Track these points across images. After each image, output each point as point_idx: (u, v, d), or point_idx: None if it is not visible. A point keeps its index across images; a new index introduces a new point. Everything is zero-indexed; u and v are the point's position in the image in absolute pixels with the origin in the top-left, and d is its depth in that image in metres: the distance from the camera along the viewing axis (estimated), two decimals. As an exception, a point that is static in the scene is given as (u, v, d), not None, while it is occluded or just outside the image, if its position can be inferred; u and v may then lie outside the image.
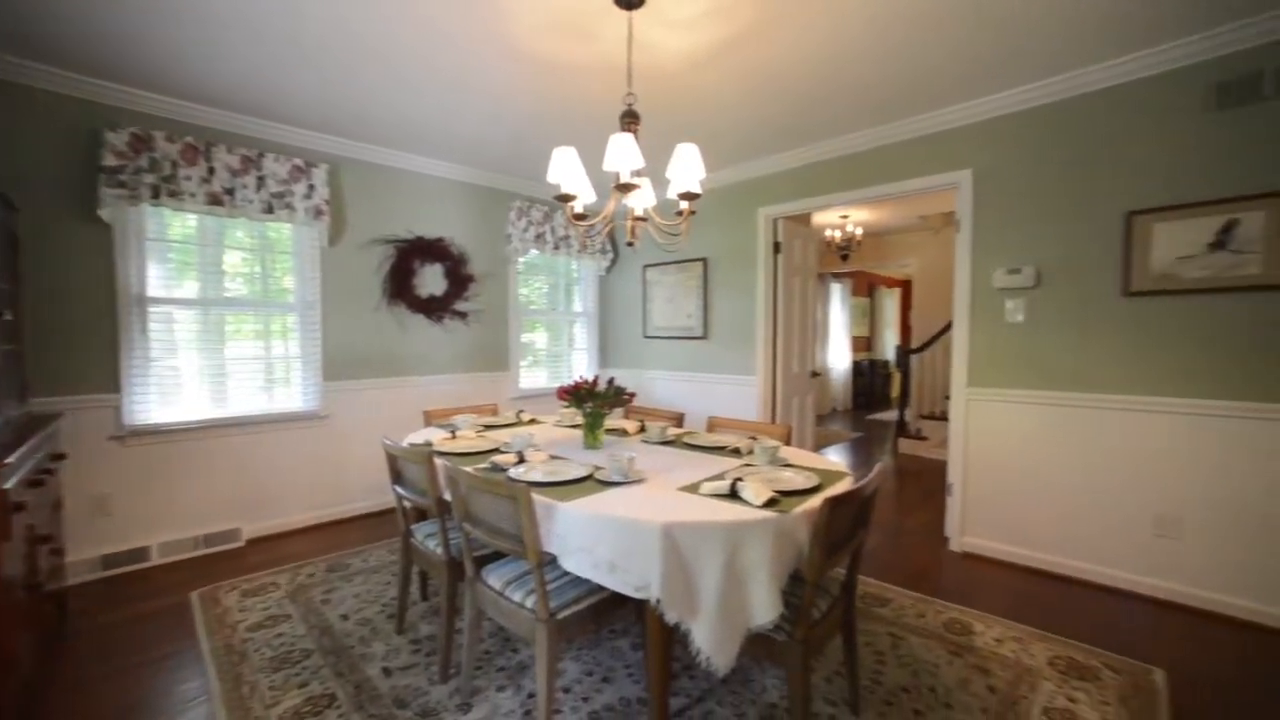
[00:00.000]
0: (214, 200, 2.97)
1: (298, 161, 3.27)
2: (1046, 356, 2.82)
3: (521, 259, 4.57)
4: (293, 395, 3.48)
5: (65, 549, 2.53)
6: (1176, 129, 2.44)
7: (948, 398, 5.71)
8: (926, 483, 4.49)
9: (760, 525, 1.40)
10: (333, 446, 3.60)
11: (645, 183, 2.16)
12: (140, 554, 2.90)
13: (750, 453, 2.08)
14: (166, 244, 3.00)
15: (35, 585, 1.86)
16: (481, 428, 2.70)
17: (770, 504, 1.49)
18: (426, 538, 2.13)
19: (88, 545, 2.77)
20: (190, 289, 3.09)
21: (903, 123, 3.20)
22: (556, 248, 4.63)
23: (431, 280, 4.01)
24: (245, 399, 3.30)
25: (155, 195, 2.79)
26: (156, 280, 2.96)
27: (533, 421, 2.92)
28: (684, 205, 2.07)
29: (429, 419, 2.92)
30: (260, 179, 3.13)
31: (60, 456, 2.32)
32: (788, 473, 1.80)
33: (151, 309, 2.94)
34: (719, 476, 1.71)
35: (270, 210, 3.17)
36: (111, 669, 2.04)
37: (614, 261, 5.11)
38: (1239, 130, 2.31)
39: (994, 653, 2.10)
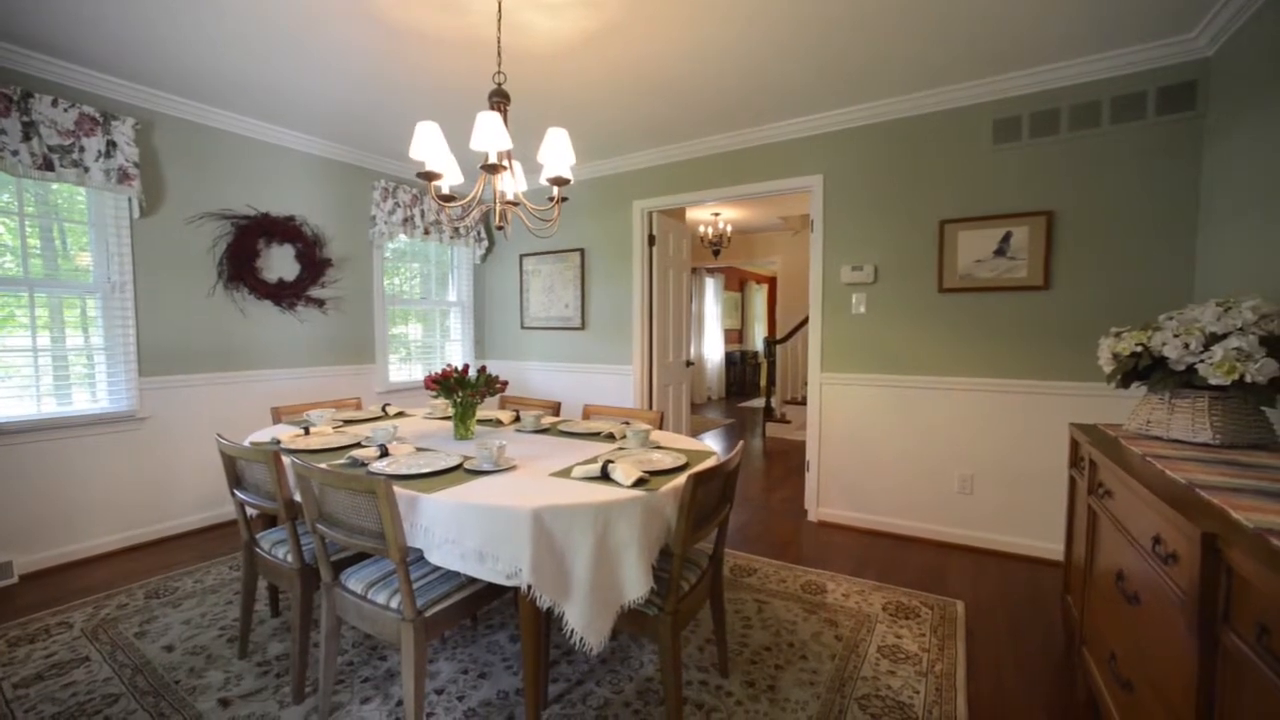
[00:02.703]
0: (-44, 150, 2.36)
1: (89, 109, 2.71)
2: (883, 344, 3.22)
3: (389, 244, 4.24)
4: (98, 395, 2.92)
5: None
6: (970, 154, 2.93)
7: (807, 384, 6.34)
8: (790, 462, 4.93)
9: (629, 503, 1.45)
10: (153, 453, 3.08)
11: (516, 167, 2.11)
12: None
13: (623, 437, 2.14)
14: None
15: None
16: (340, 423, 2.48)
17: (639, 483, 1.54)
18: (274, 546, 1.91)
19: None
20: (-65, 264, 2.45)
21: (763, 128, 3.46)
22: (427, 233, 4.35)
23: (281, 263, 3.57)
24: (21, 401, 2.69)
25: None
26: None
27: (400, 415, 2.73)
28: (555, 191, 2.06)
29: (278, 415, 2.61)
30: (28, 125, 2.53)
31: None
32: (657, 454, 1.87)
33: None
34: (591, 460, 1.73)
35: (49, 167, 2.59)
36: None
37: (489, 250, 4.93)
38: (1010, 160, 2.84)
39: (841, 606, 2.38)
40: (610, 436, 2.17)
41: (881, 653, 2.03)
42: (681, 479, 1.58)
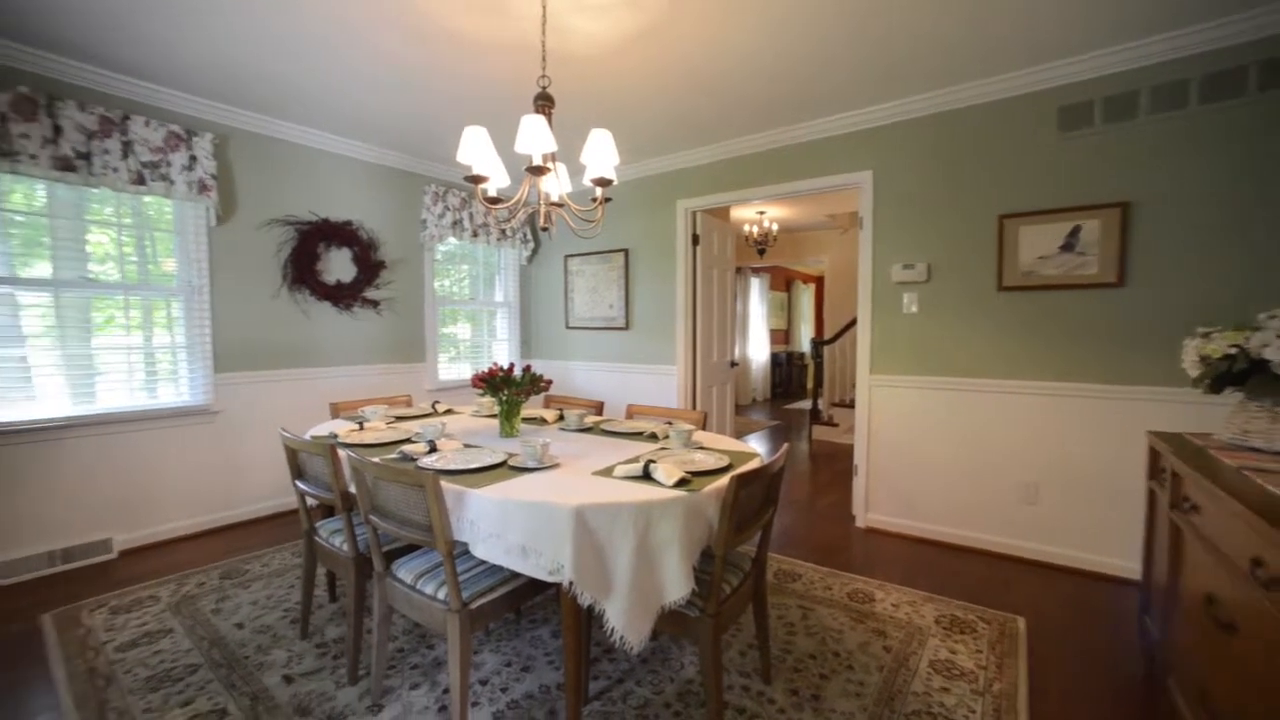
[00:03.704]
0: (63, 165, 2.59)
1: (175, 128, 2.93)
2: (936, 345, 3.09)
3: (439, 246, 4.39)
4: (180, 389, 3.15)
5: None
6: (1033, 144, 2.75)
7: (855, 386, 6.14)
8: (837, 466, 4.80)
9: (670, 504, 1.44)
10: (226, 444, 3.30)
11: (561, 168, 2.14)
12: (-24, 575, 2.51)
13: (665, 437, 2.13)
14: (4, 214, 2.59)
15: None
16: (393, 419, 2.58)
17: (681, 484, 1.53)
18: (332, 534, 2.01)
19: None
20: (42, 269, 2.70)
21: (812, 123, 3.38)
22: (475, 235, 4.48)
23: (339, 266, 3.76)
24: (118, 394, 2.94)
25: (-22, 153, 2.39)
26: (-5, 258, 2.56)
27: (449, 412, 2.82)
28: (599, 192, 2.07)
29: (336, 411, 2.74)
30: (127, 144, 2.78)
31: None
32: (700, 454, 1.86)
33: (-13, 291, 2.54)
34: (633, 460, 1.73)
35: (142, 181, 2.83)
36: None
37: (535, 251, 5.03)
38: (1080, 149, 2.65)
39: (890, 616, 2.29)
40: (653, 436, 2.17)
41: (934, 668, 1.94)
42: (724, 480, 1.56)
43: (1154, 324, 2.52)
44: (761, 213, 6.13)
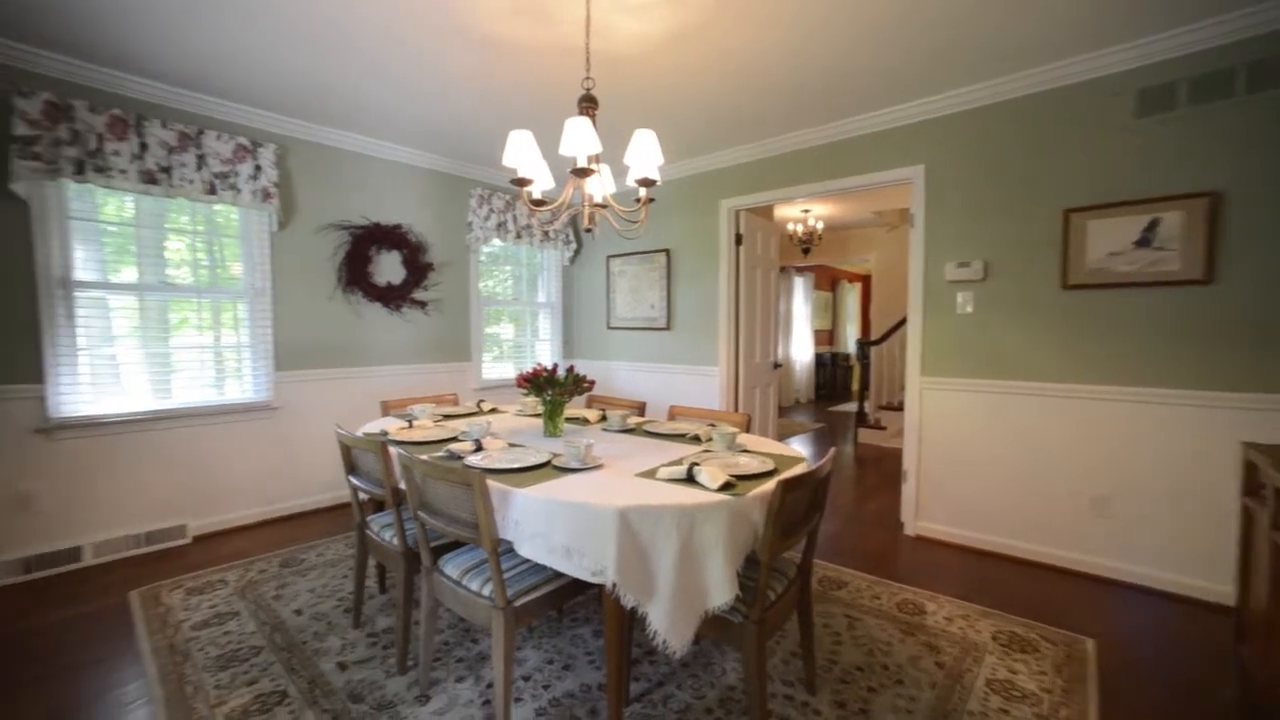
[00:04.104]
0: (148, 179, 2.80)
1: (242, 140, 3.11)
2: (994, 346, 2.93)
3: (483, 248, 4.48)
4: (244, 386, 3.34)
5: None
6: (1105, 132, 2.57)
7: (904, 388, 5.92)
8: (884, 470, 4.64)
9: (715, 507, 1.42)
10: (285, 439, 3.47)
11: (604, 170, 2.14)
12: (72, 554, 2.73)
13: (709, 440, 2.11)
14: (98, 225, 2.82)
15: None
16: (440, 417, 2.65)
17: (726, 487, 1.51)
18: (383, 529, 2.08)
19: (11, 546, 2.60)
20: (129, 275, 2.92)
21: (860, 117, 3.27)
22: (519, 236, 4.56)
23: (389, 268, 3.89)
24: (191, 390, 3.15)
25: (79, 170, 2.60)
26: (87, 263, 2.78)
27: (493, 411, 2.88)
28: (642, 192, 2.07)
29: (386, 409, 2.84)
30: (201, 158, 2.97)
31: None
32: (744, 458, 1.82)
33: (80, 294, 2.75)
34: (676, 462, 1.72)
35: (213, 191, 3.02)
36: (43, 672, 1.93)
37: (578, 252, 5.07)
38: (1158, 135, 2.46)
39: (943, 630, 2.19)
40: (696, 438, 2.15)
41: (992, 687, 1.84)
42: (769, 485, 1.53)
43: (1248, 325, 2.31)
44: (806, 211, 5.99)
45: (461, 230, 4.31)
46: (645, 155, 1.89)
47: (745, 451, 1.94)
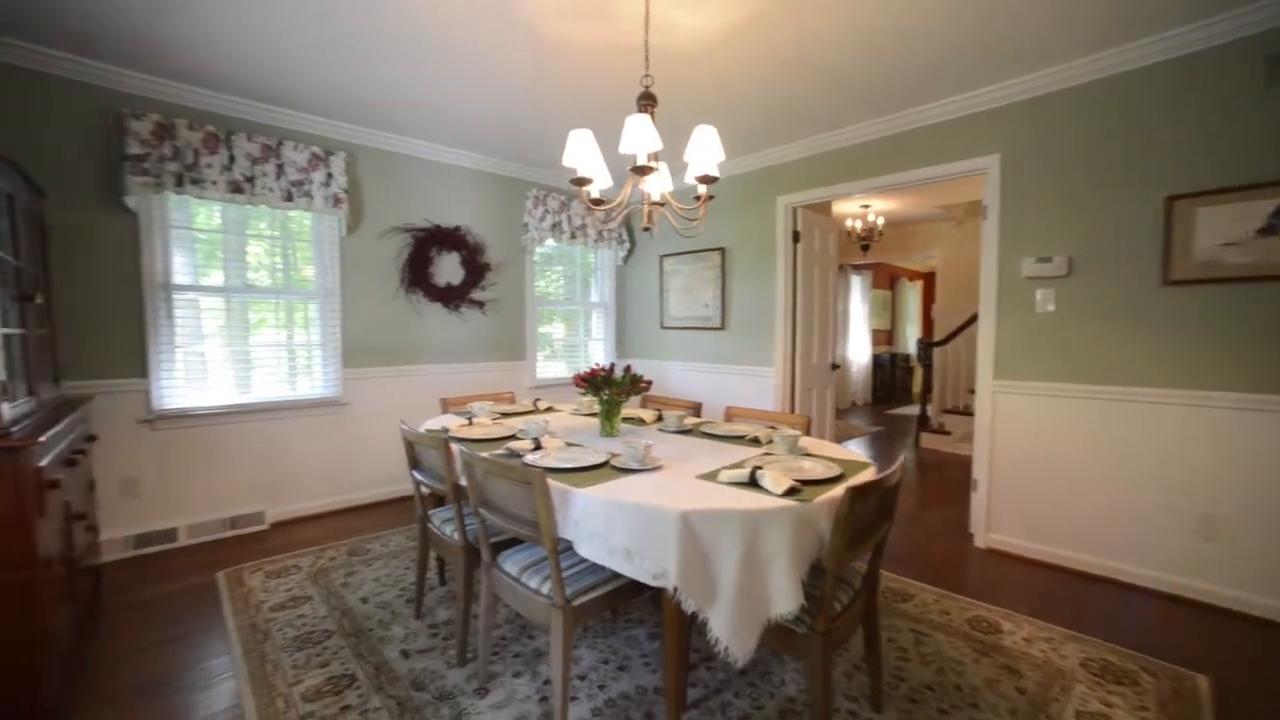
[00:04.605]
0: (235, 188, 3.00)
1: (316, 149, 3.28)
2: (1079, 348, 2.72)
3: (538, 248, 4.55)
4: (314, 382, 3.53)
5: (99, 528, 2.60)
6: (1222, 107, 2.32)
7: (972, 391, 5.60)
8: (948, 477, 4.40)
9: (780, 513, 1.37)
10: (351, 433, 3.64)
11: (662, 167, 2.12)
12: (169, 535, 2.97)
13: (769, 442, 2.04)
14: (191, 232, 3.05)
15: (72, 561, 1.91)
16: (498, 415, 2.70)
17: (791, 492, 1.45)
18: (443, 523, 2.13)
19: (119, 525, 2.85)
20: (216, 278, 3.14)
21: (929, 106, 3.10)
22: (573, 237, 4.61)
23: (448, 269, 4.01)
24: (269, 385, 3.35)
25: (179, 183, 2.83)
26: (182, 268, 3.01)
27: (549, 410, 2.91)
28: (702, 190, 2.03)
29: (446, 406, 2.92)
30: (279, 167, 3.16)
31: (92, 439, 2.38)
32: (808, 462, 1.75)
33: (177, 296, 2.99)
34: (738, 465, 1.67)
35: (289, 198, 3.20)
36: (145, 643, 2.10)
37: (631, 251, 5.07)
38: (1293, 108, 2.18)
39: (1023, 653, 2.04)
40: (755, 441, 2.09)
41: None
42: (837, 491, 1.46)
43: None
44: (866, 206, 5.77)
45: (517, 231, 4.40)
46: (706, 152, 1.85)
47: (808, 455, 1.87)
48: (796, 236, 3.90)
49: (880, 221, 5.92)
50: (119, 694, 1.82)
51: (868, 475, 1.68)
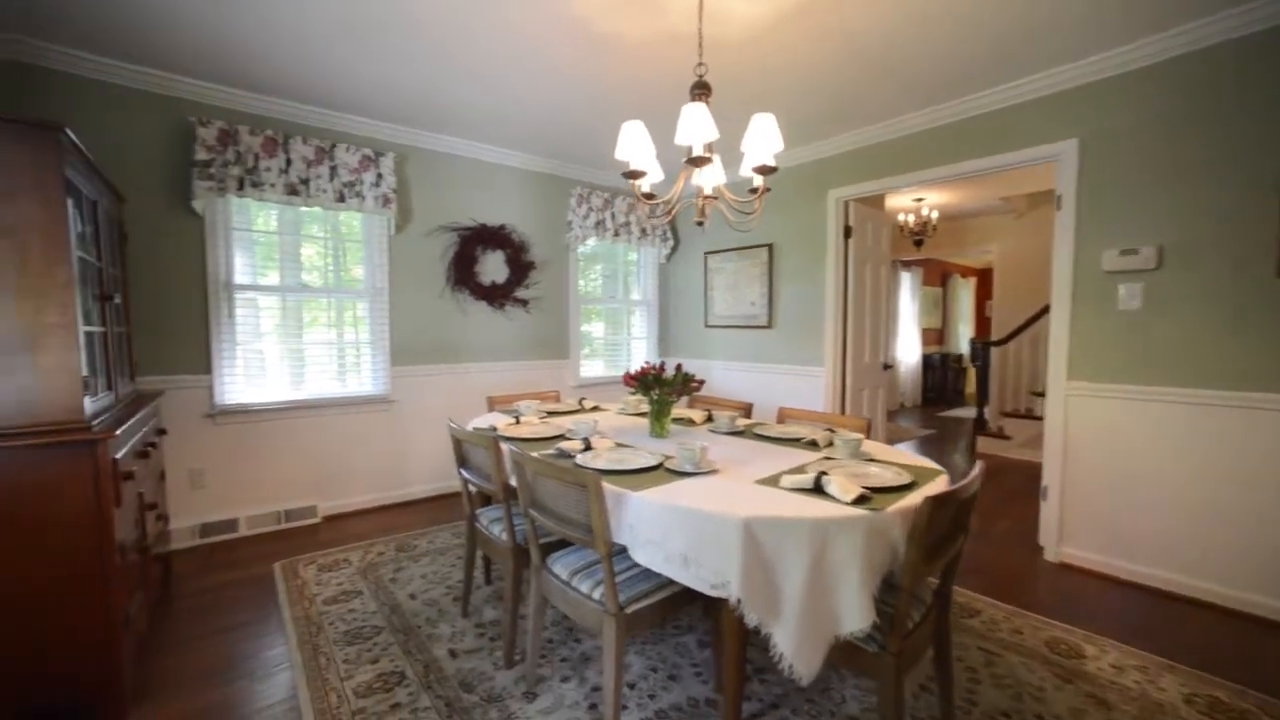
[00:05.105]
0: (291, 190, 3.08)
1: (367, 151, 3.34)
2: (1167, 347, 2.49)
3: (581, 247, 4.53)
4: (363, 380, 3.60)
5: (169, 517, 2.71)
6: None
7: (1036, 394, 5.27)
8: (1010, 484, 4.15)
9: (851, 523, 1.27)
10: (399, 431, 3.70)
11: (716, 159, 2.04)
12: (230, 525, 3.08)
13: (829, 445, 1.94)
14: (251, 234, 3.16)
15: (145, 549, 1.98)
16: (545, 414, 2.68)
17: (860, 501, 1.36)
18: (491, 523, 2.11)
19: (187, 515, 2.97)
20: (272, 278, 3.24)
21: (994, 90, 2.91)
22: (616, 234, 4.57)
23: (493, 267, 4.04)
24: (321, 382, 3.44)
25: (240, 187, 2.93)
26: (242, 268, 3.12)
27: (595, 409, 2.87)
28: (758, 181, 1.94)
29: (492, 404, 2.92)
30: (333, 169, 3.23)
31: (162, 432, 2.48)
32: (874, 468, 1.65)
33: (238, 295, 3.09)
34: (799, 469, 1.58)
35: (342, 199, 3.26)
36: (209, 630, 2.17)
37: (674, 249, 5.00)
38: None
39: (1112, 681, 1.86)
40: (813, 444, 1.99)
41: (1185, 757, 1.53)
42: (911, 499, 1.36)
43: None
44: (919, 200, 5.52)
45: (561, 229, 4.39)
46: (764, 141, 1.76)
47: (872, 460, 1.76)
48: (848, 231, 3.75)
49: (934, 215, 5.65)
50: (185, 679, 1.87)
51: (941, 484, 1.56)
